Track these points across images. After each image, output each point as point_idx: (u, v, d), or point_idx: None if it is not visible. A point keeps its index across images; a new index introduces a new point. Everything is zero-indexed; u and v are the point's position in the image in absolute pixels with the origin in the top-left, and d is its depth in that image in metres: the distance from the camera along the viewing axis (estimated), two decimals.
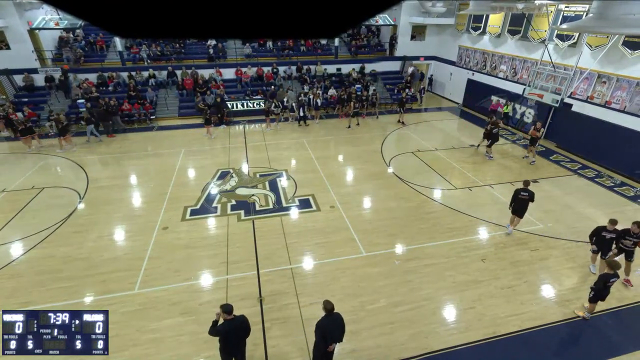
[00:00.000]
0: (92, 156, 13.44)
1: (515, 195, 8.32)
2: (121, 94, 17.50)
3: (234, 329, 4.82)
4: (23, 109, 15.15)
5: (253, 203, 9.98)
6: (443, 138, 15.45)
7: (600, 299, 6.09)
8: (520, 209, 8.29)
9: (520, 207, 8.27)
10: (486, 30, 17.78)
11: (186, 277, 7.23)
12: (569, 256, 7.96)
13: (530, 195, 8.17)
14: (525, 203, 8.22)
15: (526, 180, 8.52)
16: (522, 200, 8.20)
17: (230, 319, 4.78)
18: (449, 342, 5.89)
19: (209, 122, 15.11)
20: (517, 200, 8.26)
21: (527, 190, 8.20)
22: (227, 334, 4.79)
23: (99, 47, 19.90)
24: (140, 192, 10.83)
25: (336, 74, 20.86)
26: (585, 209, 9.82)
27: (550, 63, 12.39)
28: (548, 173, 11.87)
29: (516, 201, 8.29)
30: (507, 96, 16.14)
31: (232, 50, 21.02)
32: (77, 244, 8.23)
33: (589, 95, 12.85)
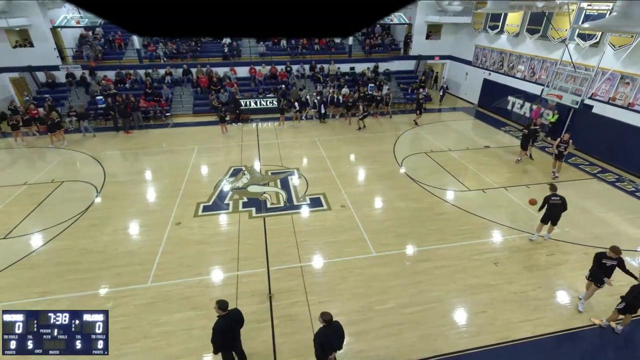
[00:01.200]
0: (109, 151, 13.79)
1: (545, 201, 7.81)
2: (138, 91, 17.91)
3: (229, 324, 4.90)
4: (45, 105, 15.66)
5: (264, 201, 10.06)
6: (457, 139, 15.21)
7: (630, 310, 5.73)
8: (554, 215, 7.83)
9: (554, 214, 7.81)
10: (504, 29, 17.38)
11: (197, 272, 7.35)
12: (586, 262, 7.68)
13: (563, 201, 7.73)
14: (558, 209, 7.75)
15: (553, 185, 8.01)
16: (554, 206, 7.74)
17: (224, 315, 4.84)
18: (459, 346, 5.81)
19: (224, 120, 15.28)
20: (549, 206, 7.79)
21: (557, 195, 7.76)
22: (224, 329, 4.84)
23: (118, 45, 20.40)
24: (155, 188, 11.05)
25: (349, 73, 20.77)
26: (604, 214, 9.52)
27: (571, 63, 12.03)
28: (566, 176, 11.55)
29: (548, 207, 7.81)
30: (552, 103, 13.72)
31: (247, 48, 21.20)
32: (93, 237, 8.47)
33: (611, 96, 12.42)
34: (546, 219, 7.96)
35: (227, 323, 4.85)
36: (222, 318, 4.84)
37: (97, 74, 18.22)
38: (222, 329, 4.78)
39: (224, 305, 4.83)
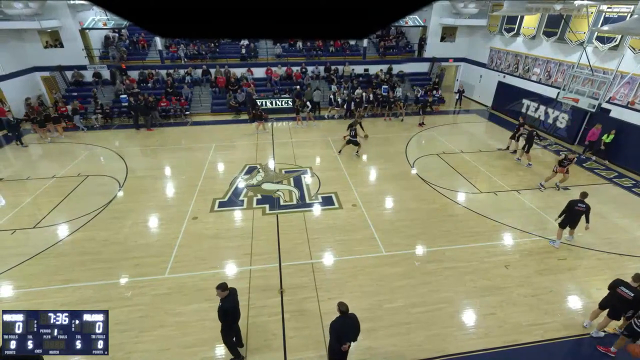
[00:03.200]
0: (131, 148, 14.34)
1: (570, 206, 7.76)
2: (159, 91, 18.51)
3: (234, 305, 5.20)
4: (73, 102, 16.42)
5: (278, 198, 10.30)
6: (470, 141, 15.13)
7: None
8: (575, 221, 7.81)
9: (575, 220, 7.79)
10: (520, 31, 17.18)
11: (212, 266, 7.62)
12: (600, 268, 7.64)
13: (587, 208, 7.66)
14: (581, 215, 7.72)
15: (584, 192, 7.89)
16: (578, 212, 7.70)
17: (227, 295, 5.10)
18: (466, 347, 5.85)
19: (260, 118, 15.80)
20: (572, 211, 7.74)
21: (585, 203, 7.67)
22: (233, 309, 5.17)
23: (141, 46, 21.12)
24: (173, 183, 11.46)
25: (363, 75, 20.90)
26: (620, 219, 9.36)
27: (588, 66, 11.84)
28: (581, 181, 11.37)
29: (571, 212, 7.76)
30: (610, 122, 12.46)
31: (264, 50, 21.60)
32: (115, 229, 8.87)
33: (630, 100, 12.17)
34: (566, 223, 7.89)
35: (233, 303, 5.17)
36: (226, 300, 5.08)
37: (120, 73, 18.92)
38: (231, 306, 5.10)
39: (224, 285, 5.09)
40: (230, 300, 5.15)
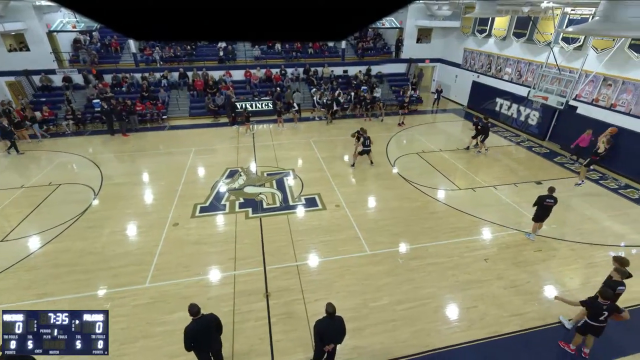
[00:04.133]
0: (106, 154, 13.86)
1: (540, 202, 8.10)
2: (134, 95, 17.99)
3: (201, 329, 4.79)
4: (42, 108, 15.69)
5: (260, 201, 10.22)
6: (447, 139, 15.54)
7: None
8: (545, 215, 8.17)
9: (545, 214, 8.16)
10: (492, 33, 17.83)
11: (195, 272, 7.46)
12: (572, 258, 8.02)
13: (555, 202, 8.05)
14: (550, 209, 8.10)
15: (551, 187, 8.24)
16: (548, 207, 8.07)
17: (197, 319, 4.77)
18: (450, 340, 5.98)
19: (247, 120, 15.96)
20: (542, 207, 8.10)
21: (553, 197, 8.03)
22: (195, 333, 4.72)
23: (114, 49, 20.45)
24: (152, 190, 11.16)
25: (343, 76, 21.09)
26: (588, 210, 9.87)
27: (556, 66, 12.43)
28: (551, 174, 11.91)
29: (541, 208, 8.12)
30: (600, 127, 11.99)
31: (242, 52, 21.41)
32: (91, 239, 8.55)
33: (594, 97, 12.86)
34: (538, 217, 8.25)
35: (198, 327, 4.76)
36: (193, 322, 4.77)
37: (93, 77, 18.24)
38: (192, 333, 4.70)
39: (193, 310, 4.76)
40: (198, 323, 4.78)
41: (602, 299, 5.15)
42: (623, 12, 7.38)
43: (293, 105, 17.19)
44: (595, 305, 5.20)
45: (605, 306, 5.13)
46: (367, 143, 12.03)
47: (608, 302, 5.12)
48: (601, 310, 5.16)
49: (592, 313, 5.24)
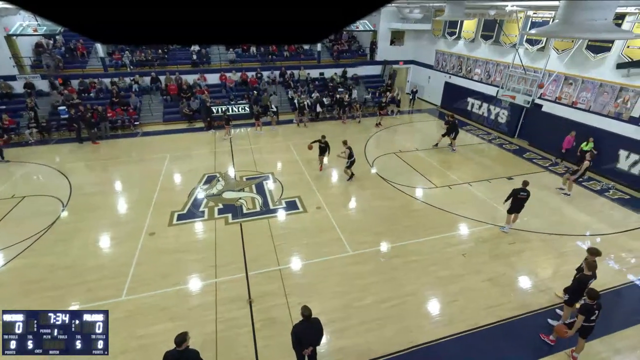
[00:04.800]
0: (74, 163, 13.21)
1: (514, 195, 8.44)
2: (104, 101, 17.28)
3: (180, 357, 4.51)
4: (2, 116, 14.76)
5: (240, 206, 10.07)
6: (423, 139, 15.91)
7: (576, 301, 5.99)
8: (519, 207, 8.54)
9: (519, 206, 8.52)
10: (461, 35, 18.50)
11: (175, 282, 7.25)
12: (544, 249, 8.41)
13: (528, 195, 8.42)
14: (524, 202, 8.47)
15: (525, 181, 8.61)
16: (521, 200, 8.44)
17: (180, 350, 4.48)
18: (433, 335, 6.11)
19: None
20: (515, 199, 8.45)
21: (526, 190, 8.39)
22: None
23: (80, 53, 19.55)
24: (126, 198, 10.74)
25: (319, 79, 21.19)
26: (556, 203, 10.40)
27: (521, 66, 13.05)
28: (521, 170, 12.47)
29: (514, 201, 8.48)
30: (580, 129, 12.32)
31: (216, 55, 21.06)
32: (61, 253, 8.12)
33: (557, 96, 13.61)
34: (512, 210, 8.61)
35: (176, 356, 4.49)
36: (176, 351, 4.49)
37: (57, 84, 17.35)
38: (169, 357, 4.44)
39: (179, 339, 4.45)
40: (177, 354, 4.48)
41: (590, 300, 5.23)
42: (579, 16, 7.88)
43: (271, 108, 17.09)
44: (587, 308, 5.23)
45: (595, 305, 5.22)
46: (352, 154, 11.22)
47: (595, 300, 5.20)
48: (593, 310, 5.23)
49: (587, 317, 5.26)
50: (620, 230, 9.13)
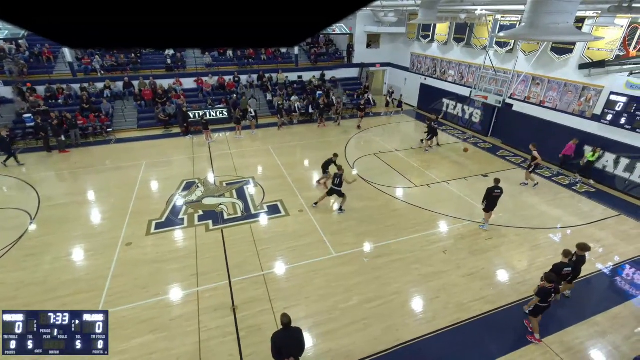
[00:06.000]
0: (43, 173, 12.56)
1: (489, 193, 8.71)
2: (73, 107, 16.56)
3: None
4: None
5: (221, 212, 9.89)
6: (402, 139, 16.24)
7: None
8: (494, 205, 8.82)
9: (494, 204, 8.81)
10: (434, 38, 19.04)
11: (154, 293, 7.02)
12: (519, 242, 8.75)
13: (502, 192, 8.72)
14: (497, 199, 8.76)
15: (497, 179, 8.92)
16: (496, 198, 8.72)
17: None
18: (418, 332, 6.21)
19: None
20: (490, 198, 8.71)
21: (499, 187, 8.70)
22: None
23: (46, 58, 18.65)
24: (100, 208, 10.30)
25: (297, 82, 21.21)
26: (529, 198, 10.85)
27: (492, 67, 13.58)
28: (495, 167, 12.95)
29: (490, 199, 8.72)
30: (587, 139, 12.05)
31: (192, 59, 20.67)
32: (30, 268, 7.68)
33: (526, 95, 14.25)
34: (489, 207, 8.88)
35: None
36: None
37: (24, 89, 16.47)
38: None
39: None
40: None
41: (549, 284, 5.69)
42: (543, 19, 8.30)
43: (250, 112, 16.93)
44: (545, 292, 5.72)
45: (552, 289, 5.70)
46: (337, 182, 9.31)
47: (553, 284, 5.68)
48: (550, 293, 5.71)
49: (543, 299, 5.78)
50: (589, 222, 9.63)
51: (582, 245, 6.46)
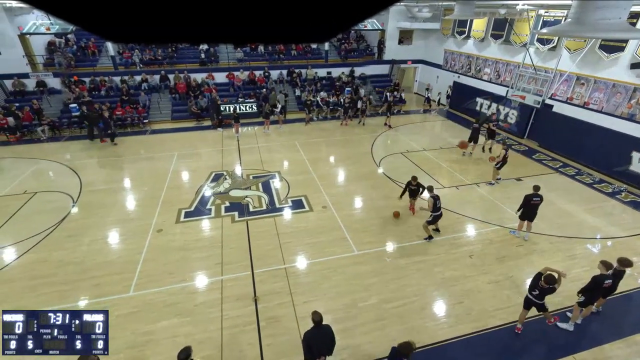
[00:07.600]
0: (85, 160, 13.42)
1: (527, 201, 8.19)
2: (114, 99, 17.53)
3: None
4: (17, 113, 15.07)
5: (247, 204, 10.12)
6: (431, 139, 15.80)
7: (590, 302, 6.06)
8: (533, 214, 8.29)
9: (533, 212, 8.27)
10: (470, 34, 18.29)
11: (181, 279, 7.32)
12: (552, 251, 8.27)
13: (542, 200, 8.18)
14: (537, 208, 8.24)
15: (536, 185, 8.35)
16: (535, 206, 8.18)
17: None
18: (438, 337, 6.07)
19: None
20: (529, 206, 8.18)
21: (539, 195, 8.17)
22: None
23: (91, 52, 19.87)
24: (134, 196, 10.88)
25: (326, 78, 21.17)
26: (566, 205, 10.21)
27: (532, 66, 12.85)
28: (531, 171, 12.28)
29: (528, 207, 8.20)
30: None
31: (224, 54, 21.19)
32: (70, 248, 8.25)
33: (569, 96, 13.37)
34: (525, 216, 8.36)
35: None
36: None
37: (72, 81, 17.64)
38: None
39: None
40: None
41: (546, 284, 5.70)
42: (592, 15, 7.71)
43: (275, 107, 17.11)
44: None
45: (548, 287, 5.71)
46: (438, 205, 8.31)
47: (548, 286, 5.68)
48: None
49: None
50: (633, 234, 8.94)
51: (624, 261, 5.98)
